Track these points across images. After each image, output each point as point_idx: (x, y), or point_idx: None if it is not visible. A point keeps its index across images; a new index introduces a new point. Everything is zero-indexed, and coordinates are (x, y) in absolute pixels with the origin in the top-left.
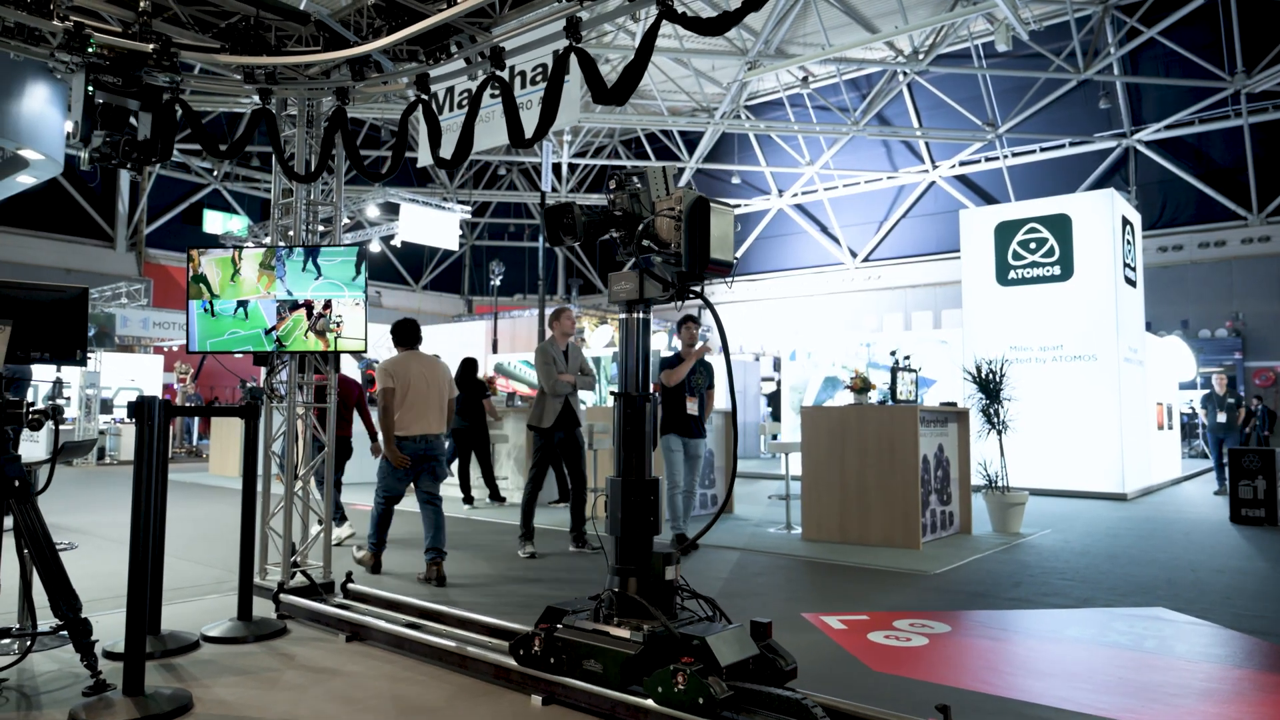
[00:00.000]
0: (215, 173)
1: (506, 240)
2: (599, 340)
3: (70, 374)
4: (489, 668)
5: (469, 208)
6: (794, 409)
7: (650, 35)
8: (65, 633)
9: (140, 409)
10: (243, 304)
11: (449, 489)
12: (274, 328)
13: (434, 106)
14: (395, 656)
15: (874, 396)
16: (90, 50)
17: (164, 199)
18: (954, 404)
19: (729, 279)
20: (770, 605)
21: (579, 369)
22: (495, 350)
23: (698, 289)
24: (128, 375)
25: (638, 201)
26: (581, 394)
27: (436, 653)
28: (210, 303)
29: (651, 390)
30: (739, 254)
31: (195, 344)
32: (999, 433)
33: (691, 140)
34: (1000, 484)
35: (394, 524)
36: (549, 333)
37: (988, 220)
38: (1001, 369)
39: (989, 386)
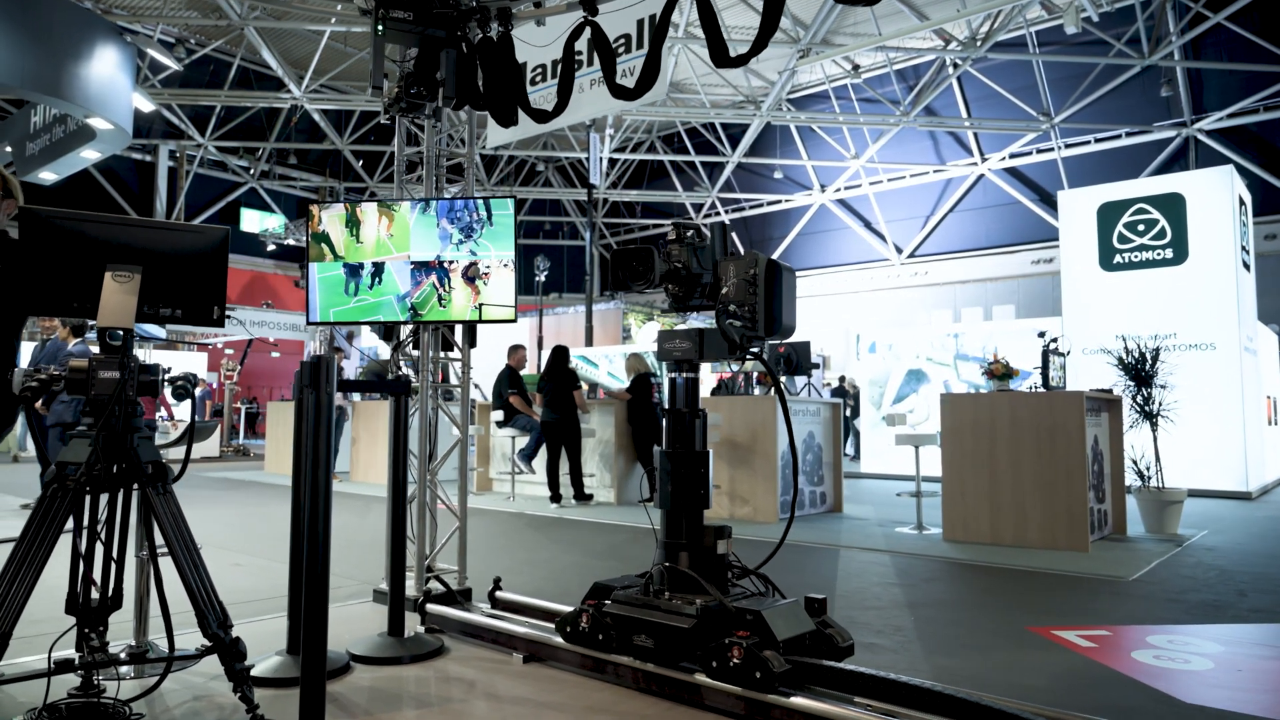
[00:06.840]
0: (252, 171)
1: (541, 238)
2: (646, 337)
3: None
4: (736, 701)
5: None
6: (874, 404)
7: None
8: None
9: (316, 370)
10: (378, 267)
11: (536, 488)
12: (409, 294)
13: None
14: (595, 683)
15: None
16: None
17: (201, 198)
18: (1108, 390)
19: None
20: (980, 618)
21: None
22: (540, 347)
23: (756, 349)
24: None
25: (696, 258)
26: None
27: (655, 680)
28: (347, 266)
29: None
30: (780, 251)
31: (317, 313)
32: (1153, 424)
33: (733, 135)
34: (1155, 480)
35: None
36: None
37: (1090, 202)
38: (1156, 352)
39: (1139, 372)
